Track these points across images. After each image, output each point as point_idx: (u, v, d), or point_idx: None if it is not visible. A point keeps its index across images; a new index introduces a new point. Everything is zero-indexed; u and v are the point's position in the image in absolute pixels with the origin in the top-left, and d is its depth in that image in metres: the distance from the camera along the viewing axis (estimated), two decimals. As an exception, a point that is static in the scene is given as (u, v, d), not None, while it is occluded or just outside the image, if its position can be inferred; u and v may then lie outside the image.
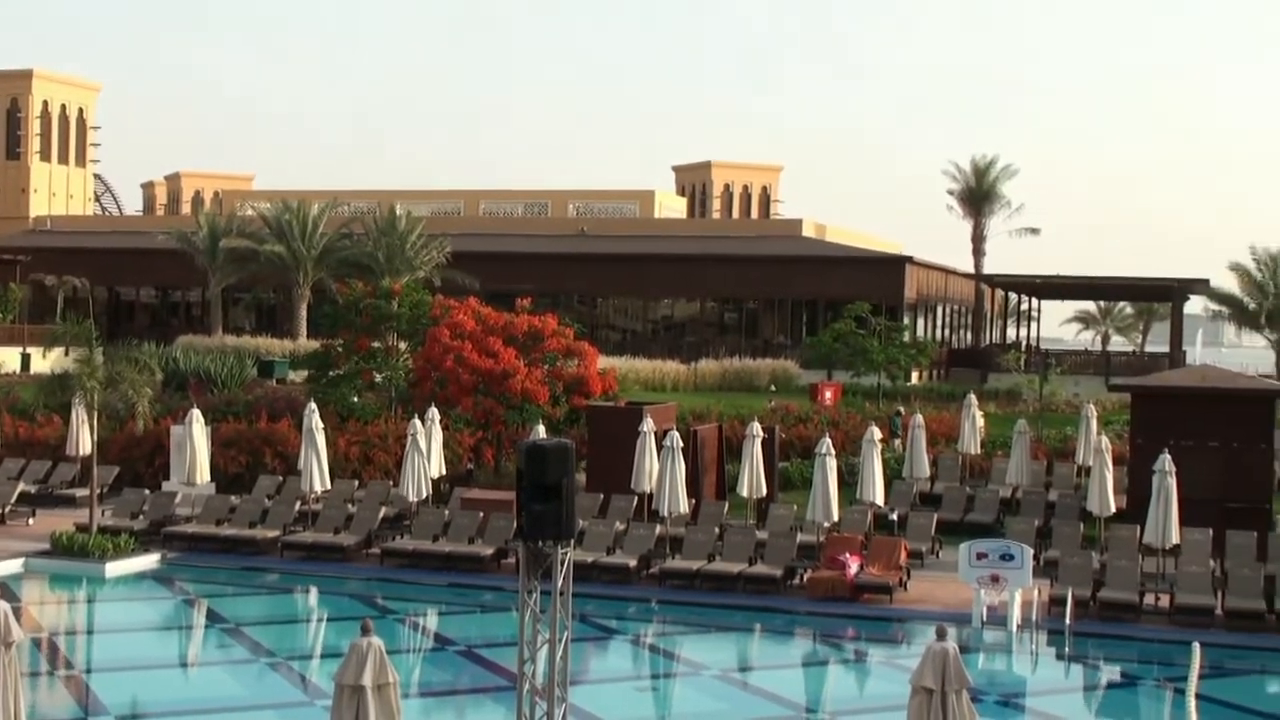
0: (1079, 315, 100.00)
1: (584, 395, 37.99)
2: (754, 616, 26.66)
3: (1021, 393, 50.71)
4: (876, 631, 25.85)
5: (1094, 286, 71.79)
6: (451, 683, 22.69)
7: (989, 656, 24.45)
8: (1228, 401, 31.17)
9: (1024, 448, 34.76)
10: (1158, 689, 23.10)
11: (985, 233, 75.21)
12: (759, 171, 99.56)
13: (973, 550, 25.78)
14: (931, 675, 12.76)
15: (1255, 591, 25.86)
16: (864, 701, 22.14)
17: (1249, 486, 30.09)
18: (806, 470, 33.71)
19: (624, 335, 70.01)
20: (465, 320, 38.73)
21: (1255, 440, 30.52)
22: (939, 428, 40.02)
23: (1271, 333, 64.58)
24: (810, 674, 24.29)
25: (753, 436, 31.39)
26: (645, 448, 30.89)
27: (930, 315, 72.59)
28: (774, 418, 40.69)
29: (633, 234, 77.00)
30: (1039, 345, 72.22)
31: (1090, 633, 25.06)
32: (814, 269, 67.84)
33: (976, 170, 75.21)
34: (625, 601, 27.18)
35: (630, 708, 21.13)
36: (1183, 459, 28.08)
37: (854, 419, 41.67)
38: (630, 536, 29.46)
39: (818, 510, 28.95)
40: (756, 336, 68.34)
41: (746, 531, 29.38)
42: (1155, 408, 31.68)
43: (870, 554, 27.96)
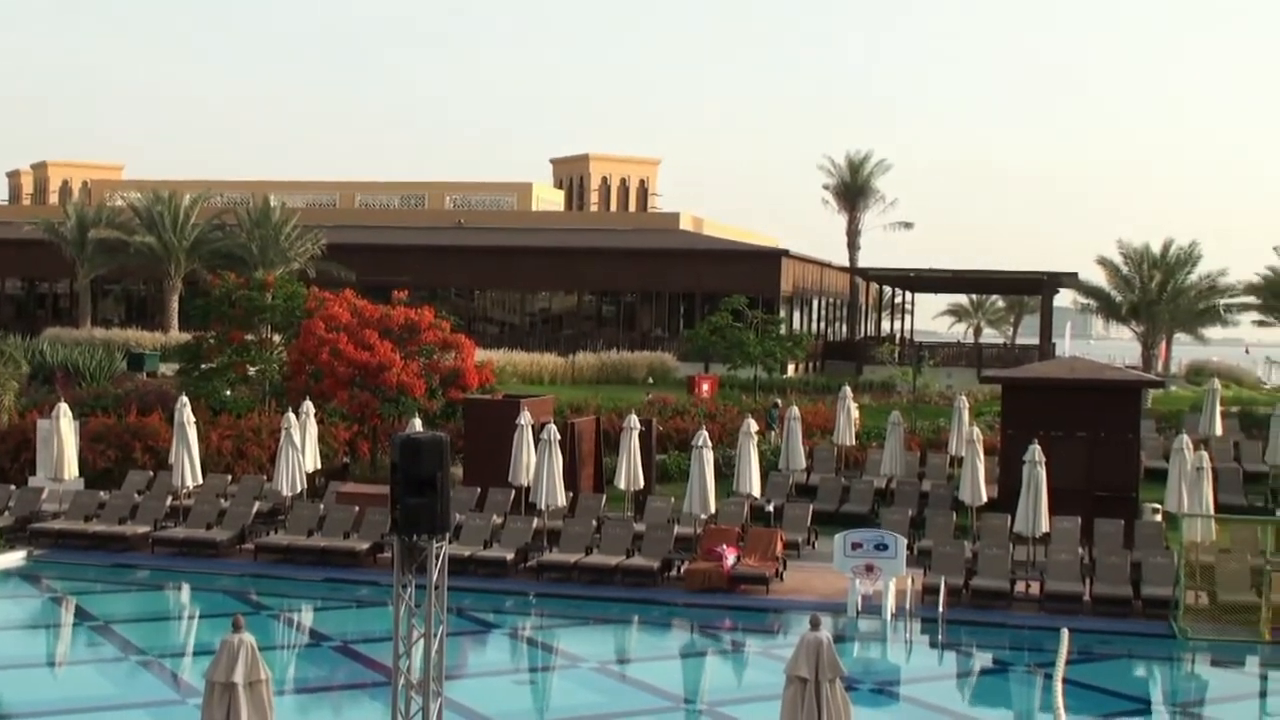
0: (952, 308, 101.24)
1: (461, 388, 37.79)
2: (631, 609, 26.71)
3: (895, 385, 51.26)
4: (753, 622, 26.01)
5: (966, 280, 72.71)
6: (327, 678, 22.46)
7: (864, 645, 24.70)
8: (1095, 392, 31.72)
9: (898, 439, 35.14)
10: (1028, 675, 23.47)
11: (860, 227, 75.72)
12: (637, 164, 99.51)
13: (848, 540, 26.02)
14: (805, 664, 12.83)
15: (1122, 578, 26.37)
16: (741, 692, 22.24)
17: (1116, 476, 30.64)
18: (683, 462, 33.84)
19: (501, 328, 69.72)
20: (340, 313, 38.36)
21: (1122, 430, 31.08)
22: (815, 419, 40.33)
23: (1138, 325, 65.82)
24: (687, 665, 24.36)
25: (630, 429, 31.45)
26: (522, 441, 30.82)
27: (806, 308, 73.10)
28: (651, 410, 40.78)
29: (510, 226, 76.72)
30: (913, 338, 73.05)
31: (963, 620, 25.42)
32: (691, 262, 68.01)
33: (851, 165, 75.74)
34: (502, 595, 27.09)
35: (507, 701, 21.04)
36: (1052, 449, 28.55)
37: (731, 411, 41.88)
38: (507, 530, 29.38)
39: (695, 502, 29.06)
40: (634, 329, 68.42)
41: (624, 524, 29.41)
42: (1025, 399, 32.16)
43: (747, 545, 28.12)
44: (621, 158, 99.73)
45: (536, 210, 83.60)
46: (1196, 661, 24.18)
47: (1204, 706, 22.41)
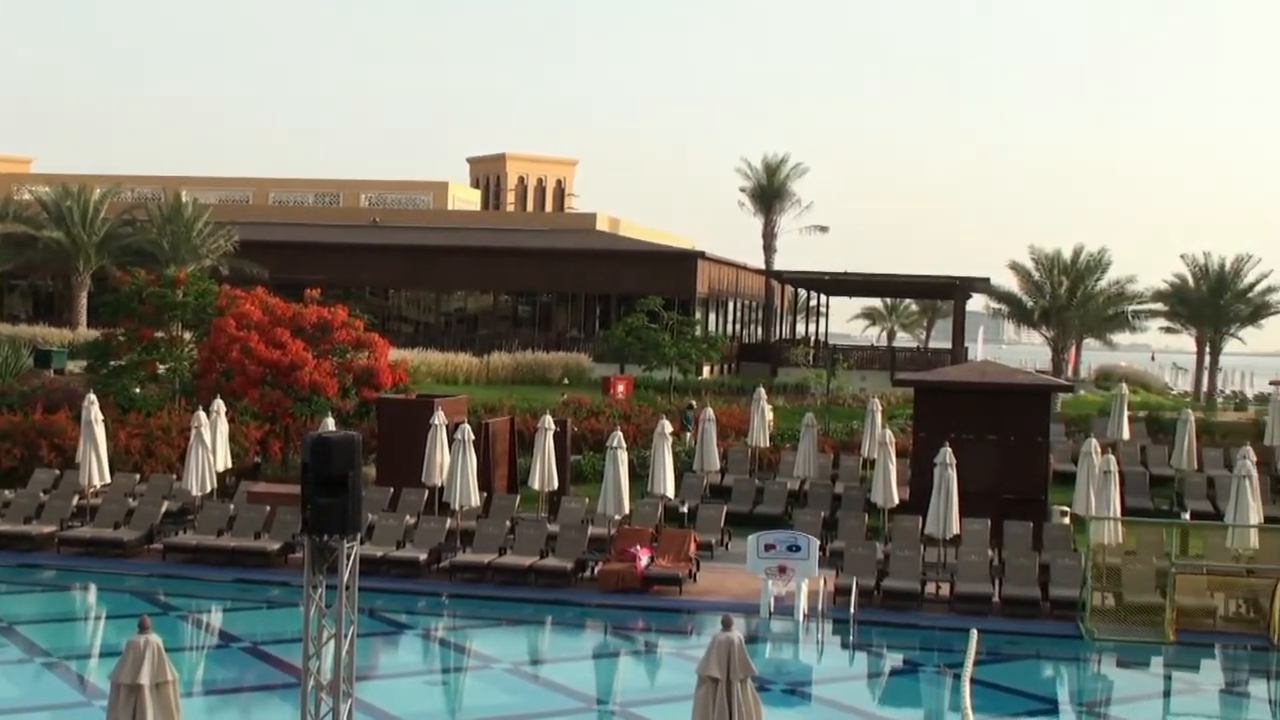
0: (866, 311, 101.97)
1: (374, 388, 37.57)
2: (545, 609, 26.67)
3: (810, 387, 51.54)
4: (666, 623, 26.05)
5: (880, 284, 73.20)
6: (236, 680, 22.23)
7: (776, 646, 24.80)
8: (1006, 396, 32.04)
9: (811, 441, 35.32)
10: (938, 675, 23.65)
11: (776, 230, 76.07)
12: (554, 165, 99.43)
13: (761, 541, 26.13)
14: (717, 665, 12.87)
15: (1030, 580, 26.66)
16: (654, 692, 22.25)
17: (1025, 478, 30.98)
18: (598, 463, 33.83)
19: (416, 327, 69.36)
20: (252, 310, 38.02)
21: (1032, 434, 31.43)
22: (729, 421, 40.45)
23: (1048, 330, 66.59)
24: (601, 666, 24.35)
25: (545, 429, 31.39)
26: (436, 441, 30.69)
27: (722, 310, 73.30)
28: (566, 411, 40.75)
29: (426, 225, 76.36)
30: (827, 340, 73.45)
31: (874, 621, 25.58)
32: (608, 263, 68.01)
33: (768, 168, 76.06)
34: (415, 596, 26.97)
35: (419, 703, 20.95)
36: (963, 452, 28.83)
37: (646, 412, 41.93)
38: (420, 530, 29.25)
39: (609, 503, 29.06)
40: (550, 330, 68.31)
41: (538, 524, 29.35)
42: (937, 402, 32.43)
43: (660, 546, 28.16)
44: (538, 158, 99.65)
45: (452, 209, 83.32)
46: (1103, 662, 24.48)
47: (1110, 706, 22.69)
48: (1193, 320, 70.90)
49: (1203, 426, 39.95)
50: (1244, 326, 72.18)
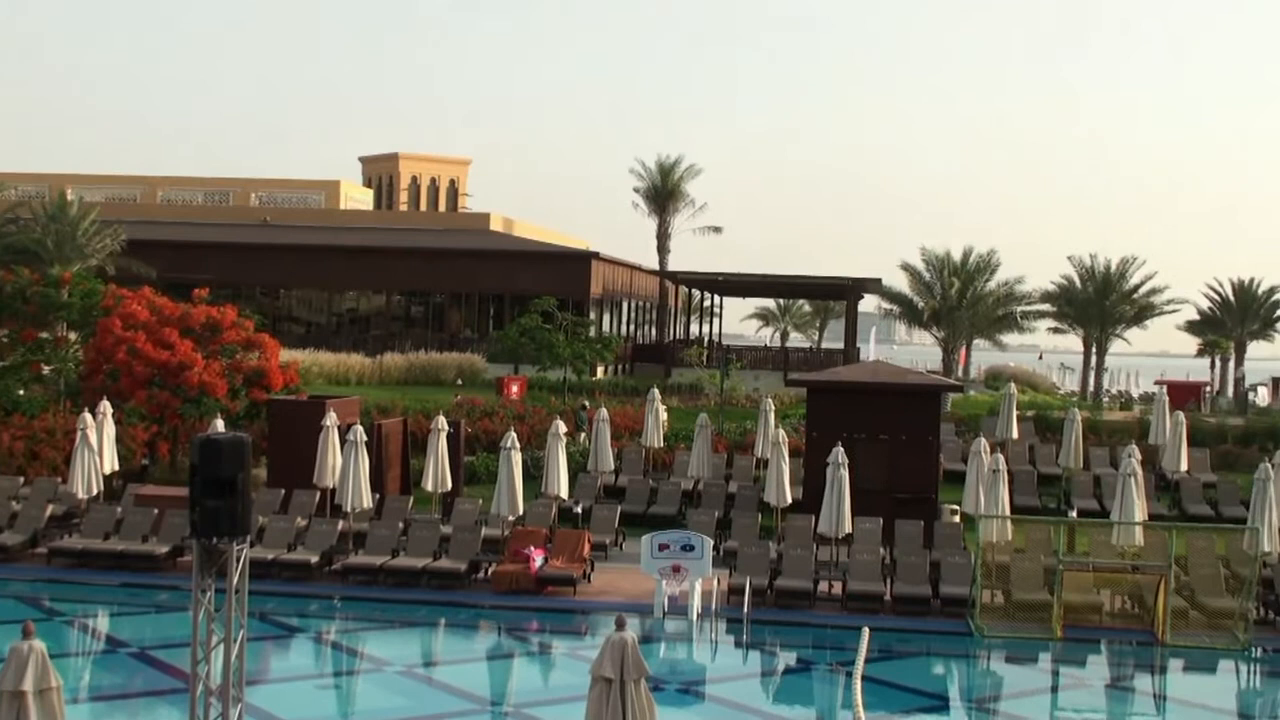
0: (759, 312, 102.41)
1: (265, 389, 37.20)
2: (438, 611, 26.52)
3: (703, 387, 51.71)
4: (560, 623, 26.02)
5: (773, 284, 73.60)
6: (123, 686, 21.88)
7: (670, 645, 24.84)
8: (897, 396, 32.36)
9: (705, 441, 35.44)
10: (830, 673, 23.82)
11: (670, 230, 76.35)
12: (447, 164, 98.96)
13: (655, 542, 26.17)
14: (610, 665, 12.86)
15: (921, 578, 26.95)
16: (548, 693, 22.20)
17: (917, 477, 31.33)
18: (492, 464, 33.72)
19: (308, 328, 68.76)
20: (139, 310, 37.50)
21: (923, 433, 31.78)
22: (623, 421, 40.50)
23: (939, 331, 67.33)
24: (494, 667, 24.27)
25: (438, 430, 31.25)
26: (328, 442, 30.46)
27: (616, 311, 73.37)
28: (459, 412, 40.56)
29: (318, 225, 75.73)
30: (720, 341, 73.75)
31: (767, 620, 25.72)
32: (501, 263, 67.81)
33: (662, 169, 76.28)
34: (307, 599, 26.71)
35: (311, 706, 20.74)
36: (855, 451, 29.10)
37: (539, 413, 41.87)
38: (312, 532, 28.99)
39: (503, 504, 28.99)
40: (443, 330, 67.98)
41: (431, 526, 29.20)
42: (829, 402, 32.68)
43: (554, 547, 28.14)
44: (431, 157, 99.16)
45: (345, 209, 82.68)
46: (992, 658, 24.80)
47: (999, 702, 22.98)
48: (1079, 321, 72.06)
49: (1089, 426, 40.61)
50: (1129, 327, 73.48)
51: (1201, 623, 25.92)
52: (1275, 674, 24.93)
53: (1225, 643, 25.05)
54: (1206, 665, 24.67)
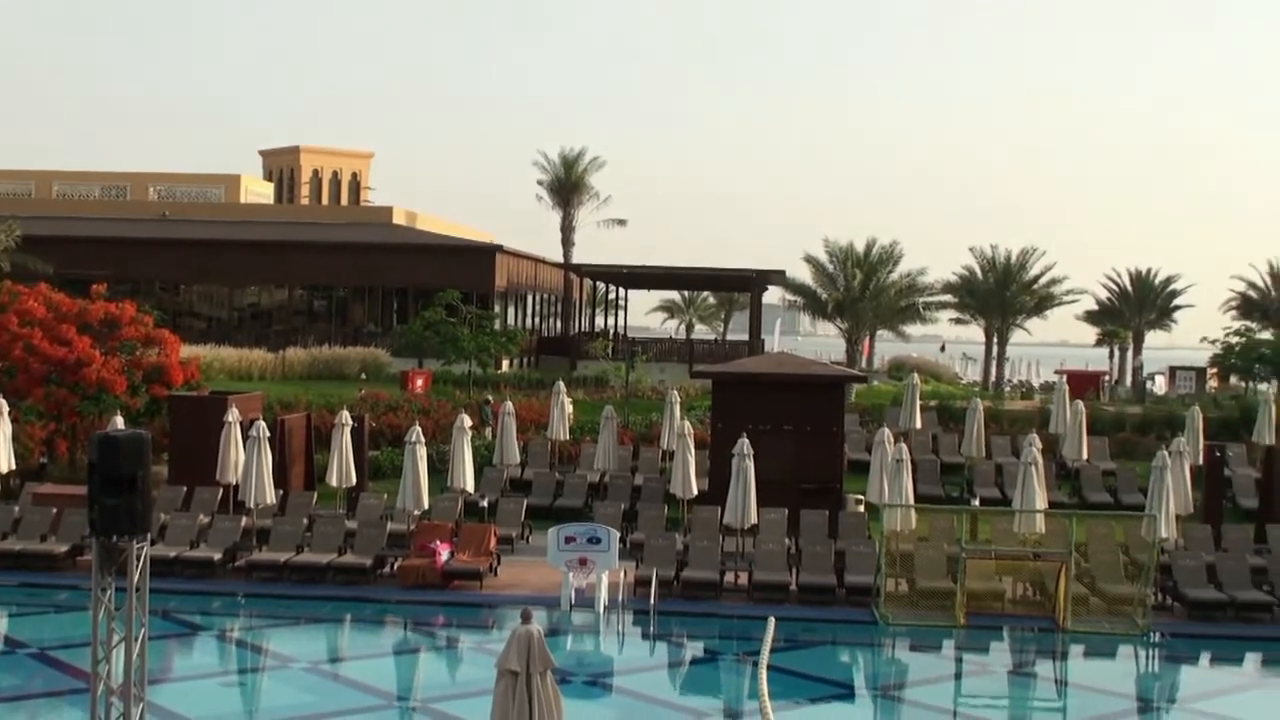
0: (664, 304, 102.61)
1: (165, 385, 36.74)
2: (344, 607, 26.38)
3: (609, 380, 51.73)
4: (467, 617, 25.94)
5: (678, 277, 73.75)
6: (22, 687, 21.52)
7: (577, 638, 24.85)
8: (802, 388, 32.56)
9: (611, 433, 35.47)
10: (737, 663, 23.92)
11: (574, 223, 76.17)
12: (349, 158, 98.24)
13: (561, 534, 26.17)
14: (516, 658, 12.85)
15: (826, 568, 27.15)
16: (455, 687, 22.15)
17: (821, 468, 31.55)
18: (397, 458, 33.54)
19: (209, 323, 67.93)
20: (35, 307, 36.93)
21: (827, 424, 32.00)
22: (529, 414, 40.43)
23: (843, 322, 67.76)
24: (401, 662, 24.14)
25: (342, 425, 31.07)
26: (230, 438, 30.17)
27: (521, 304, 73.15)
28: (364, 406, 40.35)
29: (218, 219, 74.82)
30: (626, 333, 73.78)
31: (674, 611, 25.79)
32: (405, 257, 67.39)
33: (565, 162, 76.12)
34: (210, 596, 26.48)
35: (215, 705, 20.52)
36: (760, 442, 29.23)
37: (445, 407, 41.71)
38: (215, 529, 28.71)
39: (408, 498, 28.88)
40: (346, 324, 67.46)
41: (335, 521, 29.03)
42: (734, 394, 32.82)
43: (460, 541, 28.07)
44: (333, 150, 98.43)
45: (245, 203, 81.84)
46: (896, 646, 25.03)
47: (904, 690, 23.20)
48: (981, 311, 72.87)
49: (991, 415, 41.05)
50: (1029, 317, 74.41)
51: (1101, 609, 26.32)
52: (1173, 658, 25.36)
53: (1124, 628, 25.45)
54: (1106, 650, 25.04)
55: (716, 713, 21.12)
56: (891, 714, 21.85)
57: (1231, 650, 25.36)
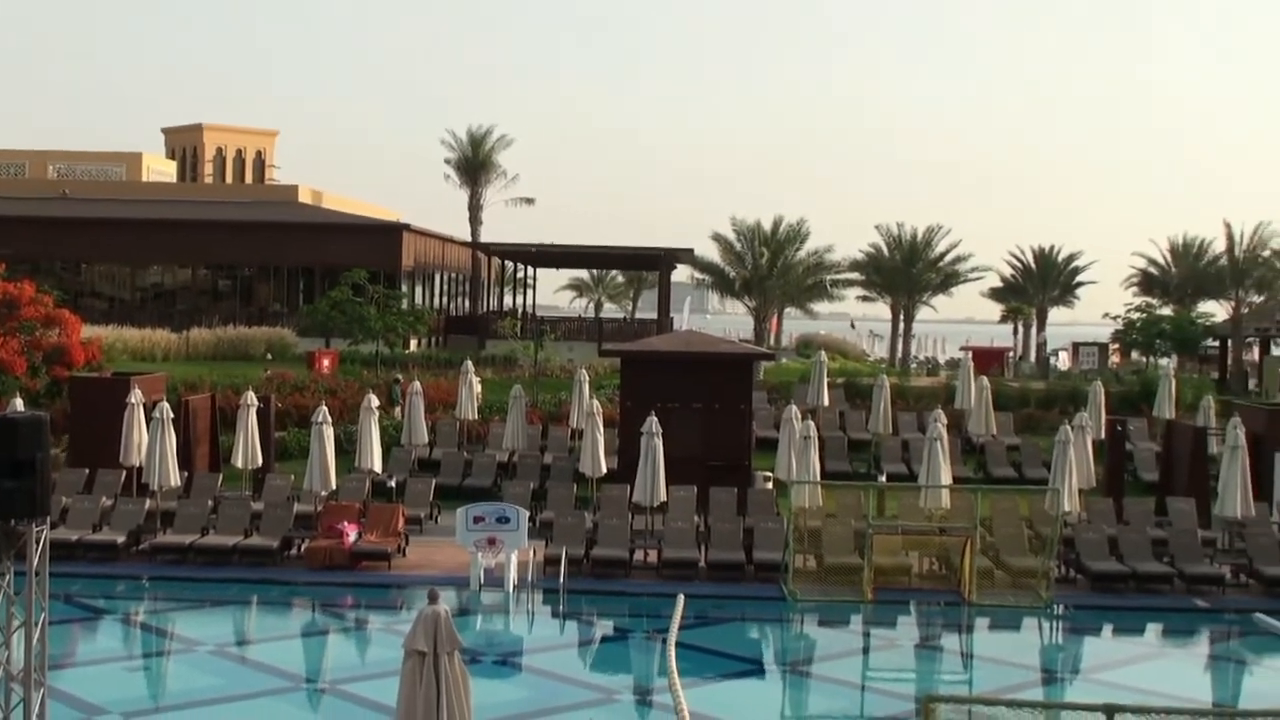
0: (573, 283, 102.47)
1: (66, 366, 36.24)
2: (251, 589, 26.17)
3: (518, 359, 51.60)
4: (375, 598, 25.83)
5: (586, 255, 73.69)
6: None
7: (487, 618, 24.80)
8: (710, 366, 32.66)
9: (520, 412, 35.37)
10: (647, 641, 23.96)
11: (482, 202, 75.91)
12: (253, 136, 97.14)
13: (470, 514, 26.09)
14: (424, 638, 12.78)
15: (735, 544, 27.25)
16: (364, 669, 22.01)
17: (730, 445, 31.66)
18: (303, 439, 33.29)
19: (111, 303, 67.02)
20: (-68, 287, 36.27)
21: (735, 401, 32.11)
22: (437, 394, 40.24)
23: (751, 300, 68.07)
24: (309, 644, 23.98)
25: (248, 406, 30.79)
26: (133, 420, 29.79)
27: (428, 283, 72.82)
28: (270, 387, 39.98)
29: (119, 198, 73.82)
30: (534, 312, 73.63)
31: (584, 590, 25.83)
32: (311, 236, 66.85)
33: (473, 140, 75.80)
34: (114, 579, 26.17)
35: (119, 690, 20.26)
36: (669, 420, 29.27)
37: (352, 387, 41.43)
38: (118, 512, 28.35)
39: (315, 479, 28.69)
40: (252, 304, 66.82)
41: (241, 503, 28.77)
42: (643, 372, 32.85)
43: (368, 522, 27.91)
44: (237, 129, 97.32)
45: (147, 181, 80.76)
46: (805, 622, 25.18)
47: (812, 665, 23.35)
48: (887, 289, 73.50)
49: (897, 392, 41.38)
50: (935, 294, 75.24)
51: (1006, 582, 26.64)
52: (1076, 630, 25.70)
53: (1029, 601, 25.78)
54: (1011, 623, 25.35)
55: (626, 690, 21.16)
56: (800, 689, 22.00)
57: (1133, 621, 25.77)
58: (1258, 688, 22.87)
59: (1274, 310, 60.87)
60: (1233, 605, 25.95)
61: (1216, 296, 70.14)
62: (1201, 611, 25.83)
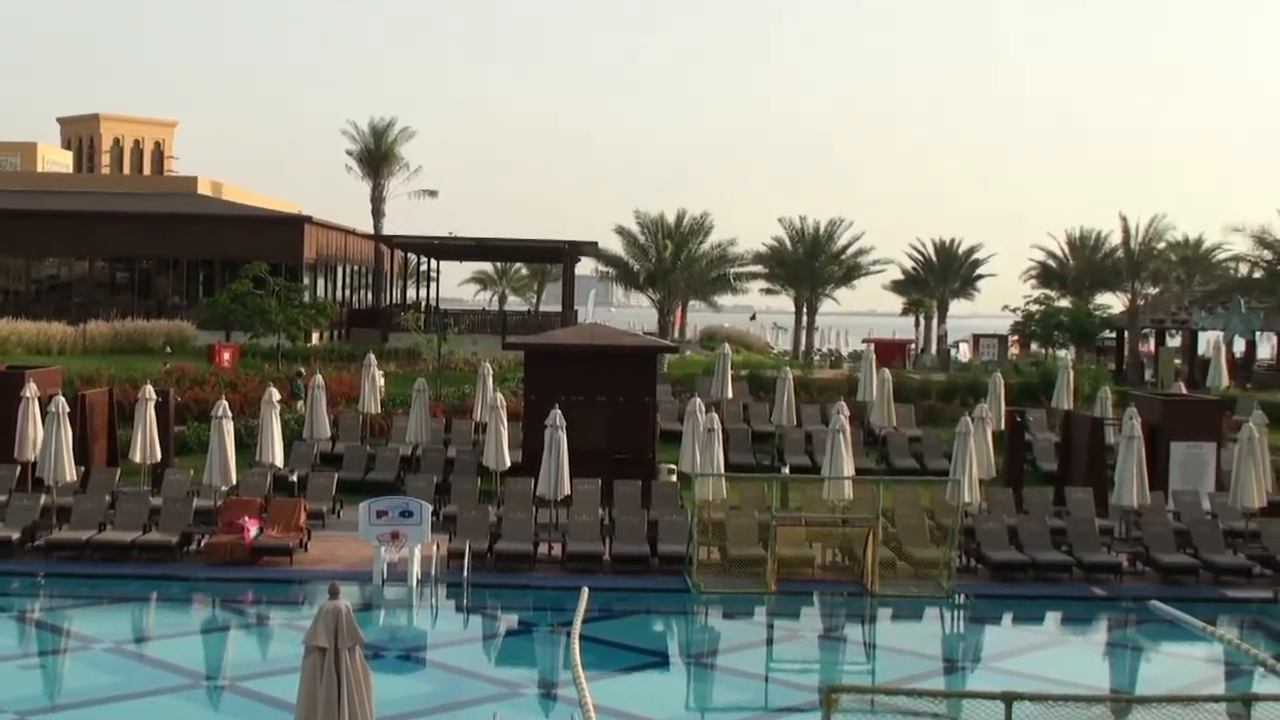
0: (477, 276, 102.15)
1: (-41, 360, 35.54)
2: (150, 585, 25.85)
3: (421, 352, 51.36)
4: (277, 594, 25.60)
5: (490, 248, 73.44)
6: None
7: (390, 613, 24.67)
8: (614, 358, 32.66)
9: (423, 406, 35.20)
10: (551, 634, 23.93)
11: (385, 194, 75.37)
12: (151, 126, 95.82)
13: (373, 508, 25.92)
14: (324, 634, 12.67)
15: (640, 537, 27.29)
16: (265, 665, 21.81)
17: (634, 438, 31.71)
18: (203, 433, 32.89)
19: (5, 296, 65.91)
20: None
21: (639, 394, 32.16)
22: (339, 388, 39.96)
23: (655, 293, 68.16)
24: (209, 641, 23.71)
25: (146, 400, 30.38)
26: (28, 414, 29.31)
27: (331, 276, 72.27)
28: (169, 380, 39.48)
29: (13, 189, 72.52)
30: (438, 305, 73.28)
31: (488, 583, 25.74)
32: (211, 228, 66.08)
33: (375, 132, 75.25)
34: (7, 577, 25.69)
35: (13, 689, 19.88)
36: (573, 414, 29.23)
37: (253, 380, 41.03)
38: (12, 508, 27.89)
39: (215, 474, 28.38)
40: (150, 297, 65.97)
41: (140, 498, 28.39)
42: (547, 365, 32.81)
43: (269, 516, 27.66)
44: (135, 119, 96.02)
45: (43, 172, 79.48)
46: (709, 614, 25.26)
47: (716, 657, 23.40)
48: (790, 282, 73.91)
49: (800, 384, 41.56)
50: (838, 287, 75.75)
51: (908, 572, 26.87)
52: (976, 619, 25.98)
53: (930, 591, 26.01)
54: (913, 613, 25.58)
55: (531, 684, 21.11)
56: (704, 681, 22.05)
57: (1032, 609, 26.10)
58: (1154, 674, 23.25)
59: (1169, 302, 61.95)
60: (1129, 593, 26.33)
61: (1113, 289, 71.19)
62: (1099, 599, 26.21)
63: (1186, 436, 32.22)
